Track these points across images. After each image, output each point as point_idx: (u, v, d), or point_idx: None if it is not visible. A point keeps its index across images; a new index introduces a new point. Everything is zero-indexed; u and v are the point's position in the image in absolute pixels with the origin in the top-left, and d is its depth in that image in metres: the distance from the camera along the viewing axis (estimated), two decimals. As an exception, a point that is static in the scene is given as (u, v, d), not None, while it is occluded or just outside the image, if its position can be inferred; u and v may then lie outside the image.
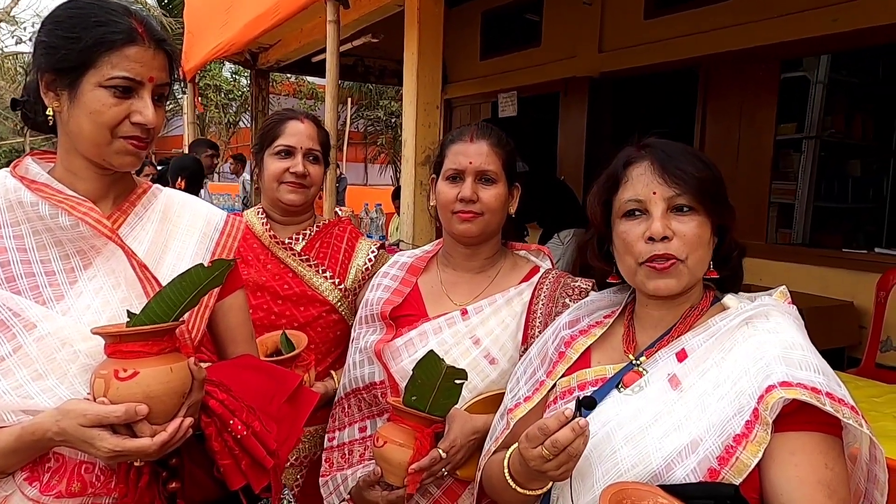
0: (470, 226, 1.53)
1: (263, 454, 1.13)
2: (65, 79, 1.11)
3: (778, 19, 4.33)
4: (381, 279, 1.69)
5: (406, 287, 1.65)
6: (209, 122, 17.52)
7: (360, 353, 1.63)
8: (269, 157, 1.91)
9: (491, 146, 1.55)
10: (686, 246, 1.13)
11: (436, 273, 1.67)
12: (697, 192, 1.13)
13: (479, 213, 1.52)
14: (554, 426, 1.01)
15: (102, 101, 1.10)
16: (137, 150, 1.15)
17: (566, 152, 6.16)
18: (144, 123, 1.13)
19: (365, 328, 1.66)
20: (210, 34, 5.60)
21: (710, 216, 1.15)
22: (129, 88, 1.11)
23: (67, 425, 1.00)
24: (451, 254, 1.65)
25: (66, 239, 1.15)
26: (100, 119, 1.10)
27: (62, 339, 1.09)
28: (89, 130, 1.11)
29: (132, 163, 1.17)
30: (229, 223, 1.34)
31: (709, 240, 1.16)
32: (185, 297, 1.03)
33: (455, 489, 1.50)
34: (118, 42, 1.10)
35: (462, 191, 1.52)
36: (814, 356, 1.07)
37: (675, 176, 1.14)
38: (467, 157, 1.54)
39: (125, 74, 1.10)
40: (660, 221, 1.13)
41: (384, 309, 1.61)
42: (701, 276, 1.18)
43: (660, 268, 1.13)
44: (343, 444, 1.67)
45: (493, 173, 1.54)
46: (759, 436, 1.01)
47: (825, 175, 5.27)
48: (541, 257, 1.69)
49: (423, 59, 3.30)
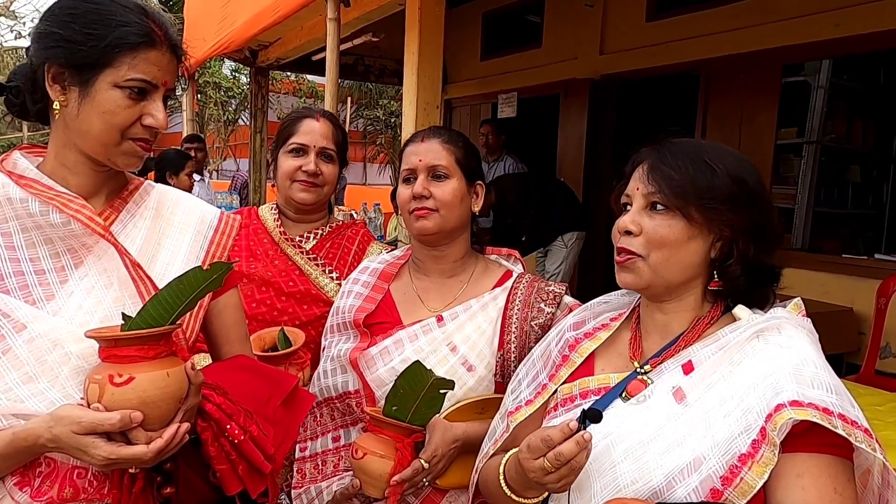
0: (426, 222, 1.53)
1: (261, 459, 1.11)
2: (78, 75, 1.08)
3: (780, 23, 4.32)
4: (352, 286, 1.67)
5: (378, 294, 1.63)
6: (208, 119, 17.47)
7: (332, 361, 1.61)
8: (283, 155, 1.91)
9: (441, 143, 1.57)
10: (647, 243, 1.12)
11: (408, 279, 1.65)
12: (674, 193, 1.11)
13: (433, 209, 1.53)
14: (558, 438, 0.98)
15: (117, 102, 1.09)
16: (144, 151, 1.15)
17: (566, 154, 6.15)
18: (156, 127, 1.12)
19: (337, 336, 1.63)
20: (209, 31, 5.57)
21: (692, 221, 1.11)
22: (143, 90, 1.10)
23: (61, 432, 0.98)
24: (421, 258, 1.64)
25: (56, 237, 1.12)
26: (113, 120, 1.09)
27: (53, 340, 1.06)
28: (99, 129, 1.10)
29: (137, 164, 1.17)
30: (223, 221, 1.31)
31: (686, 243, 1.11)
32: (182, 301, 1.00)
33: (433, 498, 1.49)
34: (140, 44, 1.09)
35: (414, 188, 1.53)
36: (826, 373, 1.02)
37: (659, 175, 1.13)
38: (417, 156, 1.56)
39: (143, 77, 1.09)
40: (630, 216, 1.14)
41: (357, 317, 1.59)
42: (675, 279, 1.13)
43: (618, 261, 1.16)
44: (316, 454, 1.64)
45: (443, 168, 1.55)
46: (765, 456, 0.97)
47: (825, 180, 5.27)
48: (512, 261, 1.69)
49: (424, 59, 3.28)
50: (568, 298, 1.53)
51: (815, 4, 4.15)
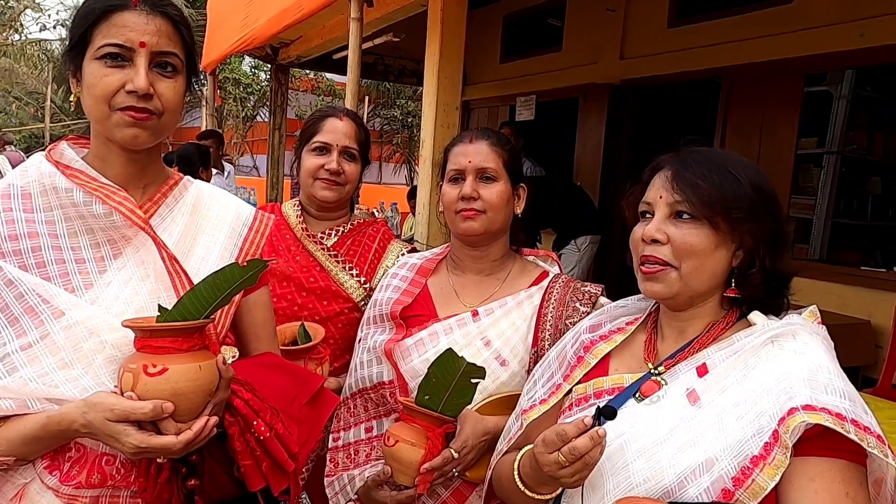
0: (473, 223, 1.55)
1: (285, 457, 1.12)
2: (73, 64, 1.12)
3: (804, 32, 4.28)
4: (391, 280, 1.69)
5: (416, 288, 1.65)
6: (227, 115, 17.60)
7: (368, 352, 1.63)
8: (307, 154, 1.94)
9: (490, 146, 1.59)
10: (677, 253, 1.12)
11: (445, 275, 1.67)
12: (702, 202, 1.11)
13: (481, 211, 1.54)
14: (573, 433, 1.00)
15: (94, 74, 1.08)
16: (137, 121, 1.09)
17: (583, 159, 6.13)
18: (135, 90, 1.07)
19: (373, 328, 1.66)
20: (232, 27, 5.62)
21: (719, 230, 1.12)
22: (119, 56, 1.08)
23: (94, 418, 1.00)
24: (460, 256, 1.66)
25: (97, 227, 1.14)
26: (94, 92, 1.08)
27: (90, 328, 1.09)
28: (90, 105, 1.10)
29: (135, 136, 1.11)
30: (258, 219, 1.33)
31: (713, 253, 1.12)
32: (218, 296, 1.02)
33: (463, 490, 1.50)
34: (108, 10, 1.08)
35: (463, 189, 1.55)
36: (840, 380, 1.03)
37: (684, 184, 1.13)
38: (466, 157, 1.58)
39: (114, 41, 1.07)
40: (654, 224, 1.14)
41: (394, 309, 1.61)
42: (701, 288, 1.15)
43: (646, 271, 1.15)
44: (349, 444, 1.66)
45: (492, 171, 1.56)
46: (777, 459, 0.98)
47: (845, 191, 5.22)
48: (549, 262, 1.70)
49: (445, 60, 3.29)
50: (604, 299, 1.54)
51: (839, 14, 4.12)
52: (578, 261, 5.09)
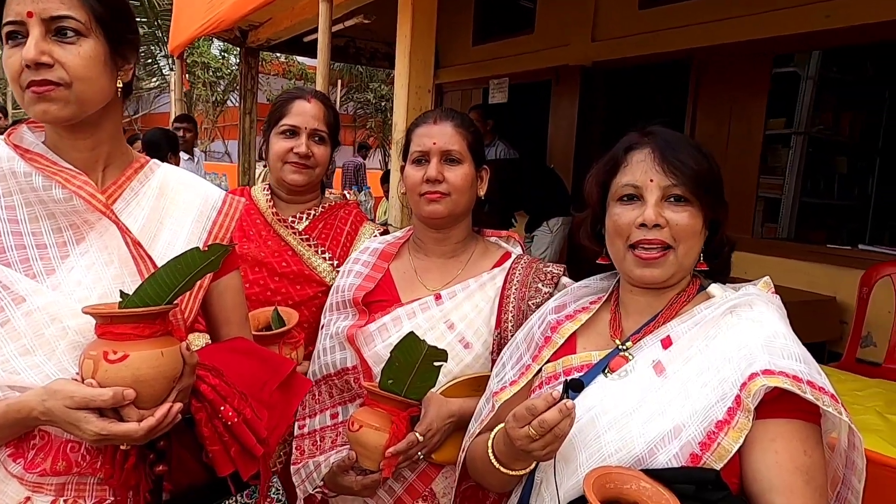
0: (438, 206, 1.54)
1: (254, 442, 1.12)
2: None
3: (771, 13, 4.33)
4: (353, 265, 1.68)
5: (378, 273, 1.64)
6: (196, 99, 17.28)
7: (331, 338, 1.62)
8: (275, 137, 1.91)
9: (455, 127, 1.57)
10: (677, 235, 1.15)
11: (408, 259, 1.67)
12: (694, 184, 1.14)
13: (445, 194, 1.54)
14: (542, 407, 1.02)
15: (3, 57, 1.05)
16: (41, 95, 1.03)
17: (556, 141, 6.16)
18: (24, 60, 1.01)
19: (336, 314, 1.65)
20: (199, 10, 5.50)
21: (703, 209, 1.16)
22: (17, 34, 1.03)
23: (53, 406, 0.99)
24: (422, 239, 1.65)
25: (59, 212, 1.12)
26: (8, 76, 1.05)
27: (52, 314, 1.07)
28: (13, 91, 1.07)
29: (44, 111, 1.04)
30: (227, 202, 1.31)
31: (700, 232, 1.17)
32: (179, 281, 1.01)
33: (429, 473, 1.51)
34: None
35: (427, 171, 1.53)
36: (795, 345, 1.09)
37: (674, 166, 1.14)
38: (431, 138, 1.56)
39: (7, 20, 1.04)
40: (653, 209, 1.14)
41: (356, 295, 1.60)
42: (690, 267, 1.19)
43: (646, 257, 1.16)
44: (314, 431, 1.66)
45: (457, 153, 1.55)
46: (740, 422, 1.03)
47: (812, 171, 5.32)
48: (511, 243, 1.70)
49: (416, 42, 3.26)
50: (566, 279, 1.55)
51: (806, -5, 4.16)
52: (551, 242, 5.13)
